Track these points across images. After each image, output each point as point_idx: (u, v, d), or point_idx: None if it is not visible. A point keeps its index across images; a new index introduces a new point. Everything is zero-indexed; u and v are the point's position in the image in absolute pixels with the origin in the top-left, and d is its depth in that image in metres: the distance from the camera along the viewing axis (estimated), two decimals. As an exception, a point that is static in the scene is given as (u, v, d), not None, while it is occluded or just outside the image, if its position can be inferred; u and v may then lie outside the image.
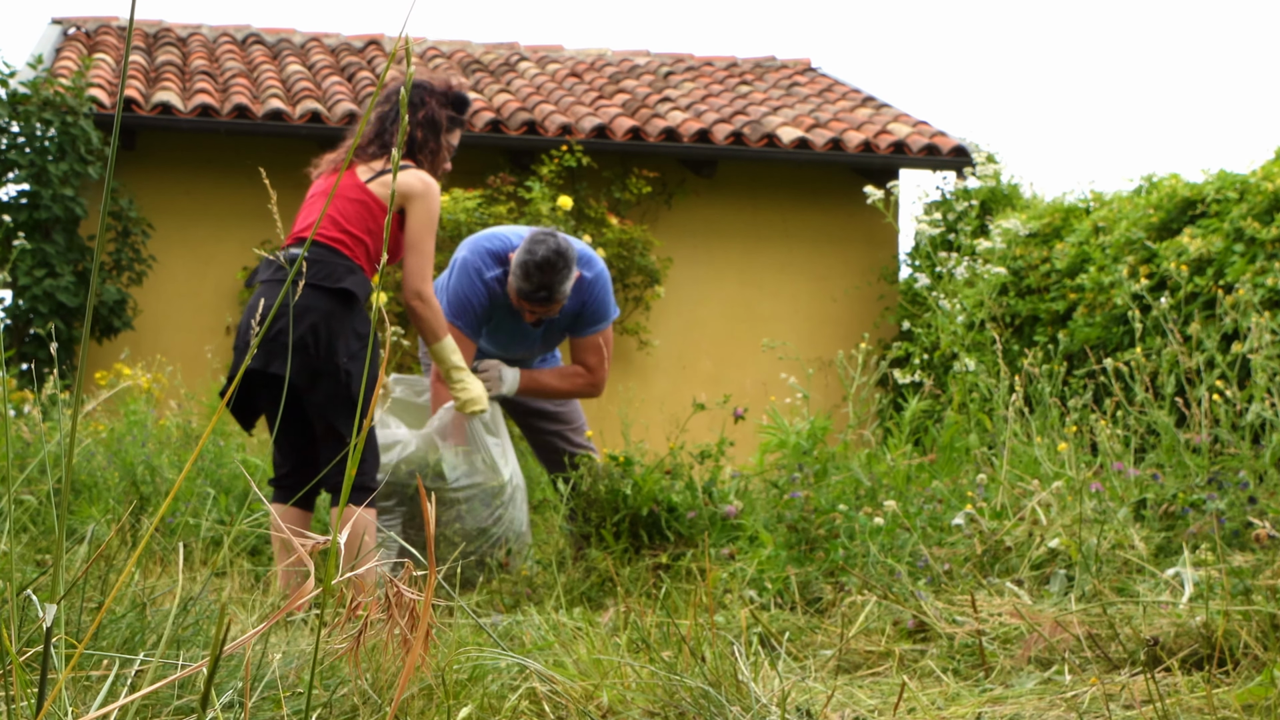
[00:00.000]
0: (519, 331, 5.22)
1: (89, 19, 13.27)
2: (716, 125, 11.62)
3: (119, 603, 2.48)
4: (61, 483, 1.27)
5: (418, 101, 4.55)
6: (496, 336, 5.23)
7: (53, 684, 1.81)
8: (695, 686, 2.31)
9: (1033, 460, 4.85)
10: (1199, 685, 2.56)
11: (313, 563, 1.26)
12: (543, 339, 5.31)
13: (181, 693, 2.22)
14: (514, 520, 4.99)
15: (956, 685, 2.77)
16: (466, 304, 5.09)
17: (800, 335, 11.29)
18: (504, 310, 5.15)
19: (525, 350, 5.33)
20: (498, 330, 5.21)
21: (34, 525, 4.62)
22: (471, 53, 13.87)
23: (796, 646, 3.22)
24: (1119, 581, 3.45)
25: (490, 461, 4.94)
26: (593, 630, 2.84)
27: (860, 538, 3.95)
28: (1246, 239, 7.27)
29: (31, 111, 10.14)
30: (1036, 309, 9.27)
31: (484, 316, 5.13)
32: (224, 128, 10.83)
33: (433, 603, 1.28)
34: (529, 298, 4.96)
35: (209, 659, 1.26)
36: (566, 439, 5.43)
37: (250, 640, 1.23)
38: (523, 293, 4.96)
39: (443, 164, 4.64)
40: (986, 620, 3.12)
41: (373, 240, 4.35)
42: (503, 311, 5.15)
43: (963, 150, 11.59)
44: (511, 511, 4.98)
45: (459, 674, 2.52)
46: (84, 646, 2.09)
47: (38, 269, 9.94)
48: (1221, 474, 4.29)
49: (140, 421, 6.30)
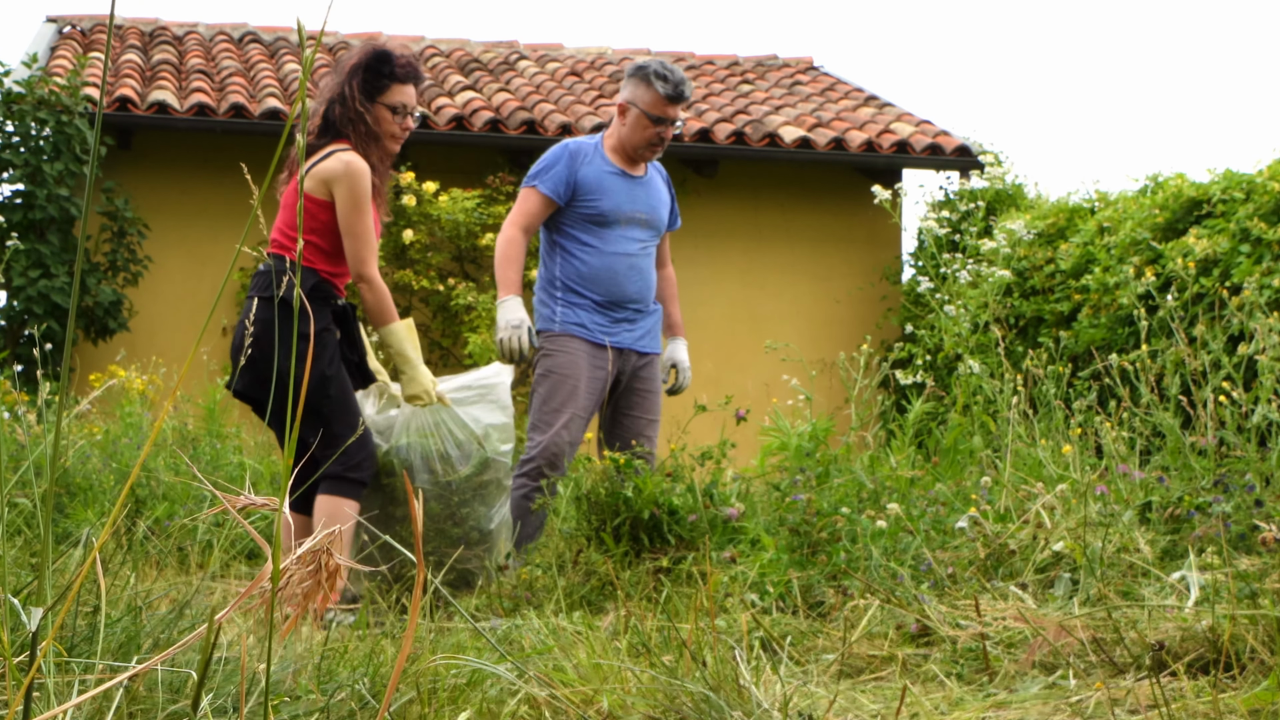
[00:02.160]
0: (640, 196, 5.20)
1: (84, 17, 13.26)
2: (718, 124, 11.60)
3: (113, 606, 2.45)
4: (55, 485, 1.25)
5: (331, 84, 4.49)
6: (610, 202, 5.14)
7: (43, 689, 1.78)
8: (696, 691, 2.29)
9: (1037, 463, 4.82)
10: (1205, 690, 2.54)
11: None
12: (650, 213, 5.24)
13: (175, 697, 2.20)
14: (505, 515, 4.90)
15: (960, 690, 2.75)
16: (552, 161, 5.11)
17: (802, 336, 11.27)
18: (608, 173, 5.15)
19: (650, 214, 5.24)
20: (609, 194, 5.14)
21: (28, 529, 4.60)
22: (470, 51, 13.85)
23: (798, 651, 3.20)
24: (1124, 585, 3.43)
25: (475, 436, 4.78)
26: (593, 634, 2.83)
27: (863, 541, 3.93)
28: (1253, 239, 7.24)
29: (26, 110, 10.11)
30: (1041, 310, 9.25)
31: (576, 176, 5.09)
32: (221, 127, 10.81)
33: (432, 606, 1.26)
34: (674, 96, 5.07)
35: (199, 663, 1.23)
36: (645, 434, 5.31)
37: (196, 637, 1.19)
38: (669, 95, 5.05)
39: (388, 130, 4.50)
40: (990, 624, 3.10)
41: (322, 238, 4.35)
42: (607, 174, 5.15)
43: (966, 150, 11.57)
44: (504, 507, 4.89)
45: (457, 678, 2.50)
46: (72, 651, 2.07)
47: (32, 270, 9.91)
48: (1228, 476, 4.27)
49: (135, 424, 6.28)
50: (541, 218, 5.12)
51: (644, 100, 5.09)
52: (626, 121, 5.13)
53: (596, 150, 5.15)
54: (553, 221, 5.16)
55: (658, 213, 5.24)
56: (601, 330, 5.09)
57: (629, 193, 5.14)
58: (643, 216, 5.18)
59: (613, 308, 5.12)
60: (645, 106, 5.09)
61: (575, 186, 5.08)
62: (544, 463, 4.99)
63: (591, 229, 5.09)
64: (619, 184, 5.13)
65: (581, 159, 5.09)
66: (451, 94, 11.98)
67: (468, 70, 13.13)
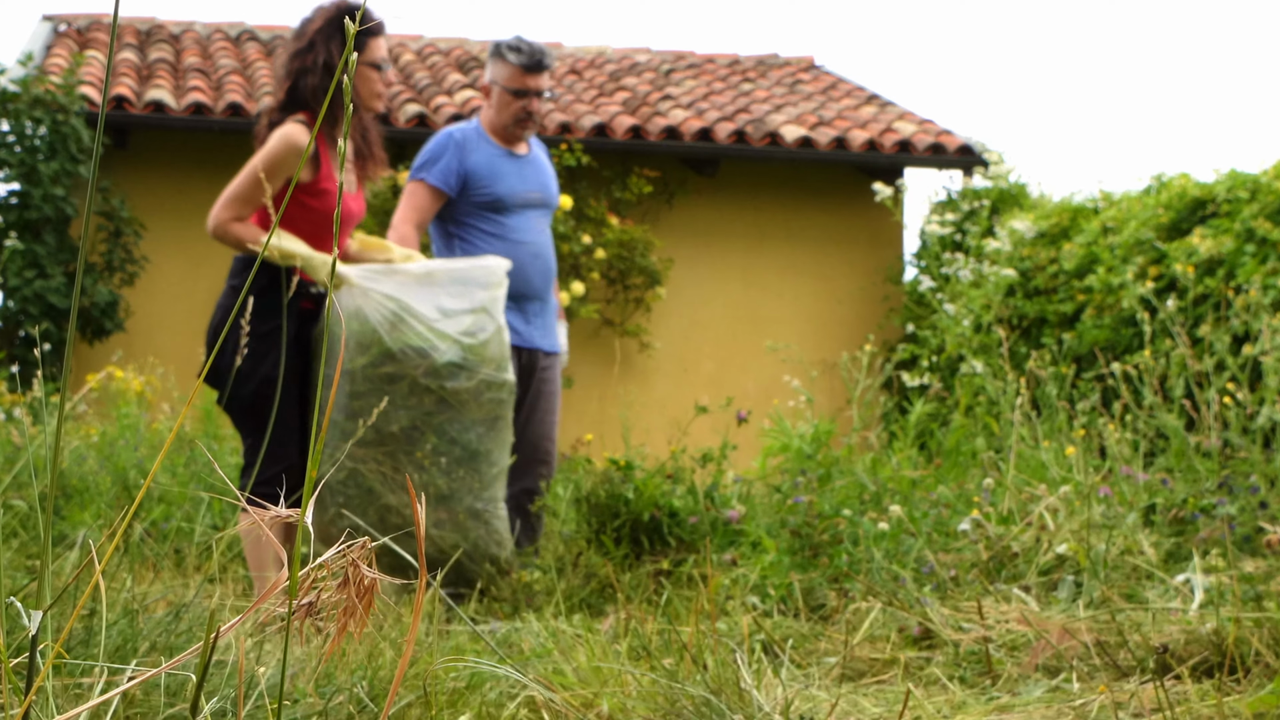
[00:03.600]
0: (529, 175, 5.05)
1: (80, 16, 13.23)
2: (719, 124, 11.58)
3: (110, 609, 2.43)
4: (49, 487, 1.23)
5: (294, 49, 4.26)
6: (505, 186, 4.97)
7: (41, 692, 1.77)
8: (697, 695, 2.28)
9: (1040, 464, 4.81)
10: (1209, 693, 2.53)
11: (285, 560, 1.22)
12: (543, 191, 5.08)
13: (173, 700, 2.18)
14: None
15: (963, 693, 2.74)
16: (438, 152, 4.93)
17: (804, 337, 11.25)
18: (496, 156, 5.00)
19: (543, 193, 5.09)
20: (502, 178, 4.98)
21: (24, 530, 4.58)
22: (469, 50, 13.83)
23: (800, 654, 3.19)
24: (1128, 588, 3.42)
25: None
26: (593, 637, 2.82)
27: (865, 543, 3.91)
28: (1258, 239, 7.22)
29: (22, 110, 10.09)
30: (1044, 310, 9.23)
31: (466, 165, 4.93)
32: (218, 126, 10.79)
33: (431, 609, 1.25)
34: (530, 65, 4.93)
35: (198, 665, 1.21)
36: (551, 435, 5.12)
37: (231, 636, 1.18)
38: (525, 65, 4.92)
39: (373, 90, 4.23)
40: (993, 627, 3.09)
41: (301, 222, 4.13)
42: (496, 158, 5.00)
43: (969, 149, 11.55)
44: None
45: (456, 682, 2.48)
46: (69, 654, 2.05)
47: (28, 270, 9.89)
48: (1232, 478, 4.26)
49: (132, 425, 6.26)
50: (433, 212, 4.96)
51: (503, 76, 4.99)
52: (492, 102, 5.03)
53: (480, 135, 5.03)
54: (446, 214, 5.00)
55: (549, 189, 5.13)
56: (515, 334, 4.88)
57: (519, 173, 5.03)
58: (537, 196, 5.06)
59: (522, 301, 4.94)
60: (505, 82, 4.98)
61: (466, 176, 4.94)
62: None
63: (489, 217, 4.95)
64: (509, 165, 5.01)
65: (468, 147, 4.96)
66: (450, 93, 11.97)
67: (467, 69, 13.11)
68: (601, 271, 11.10)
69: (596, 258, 10.96)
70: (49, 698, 1.81)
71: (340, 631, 1.23)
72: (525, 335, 4.92)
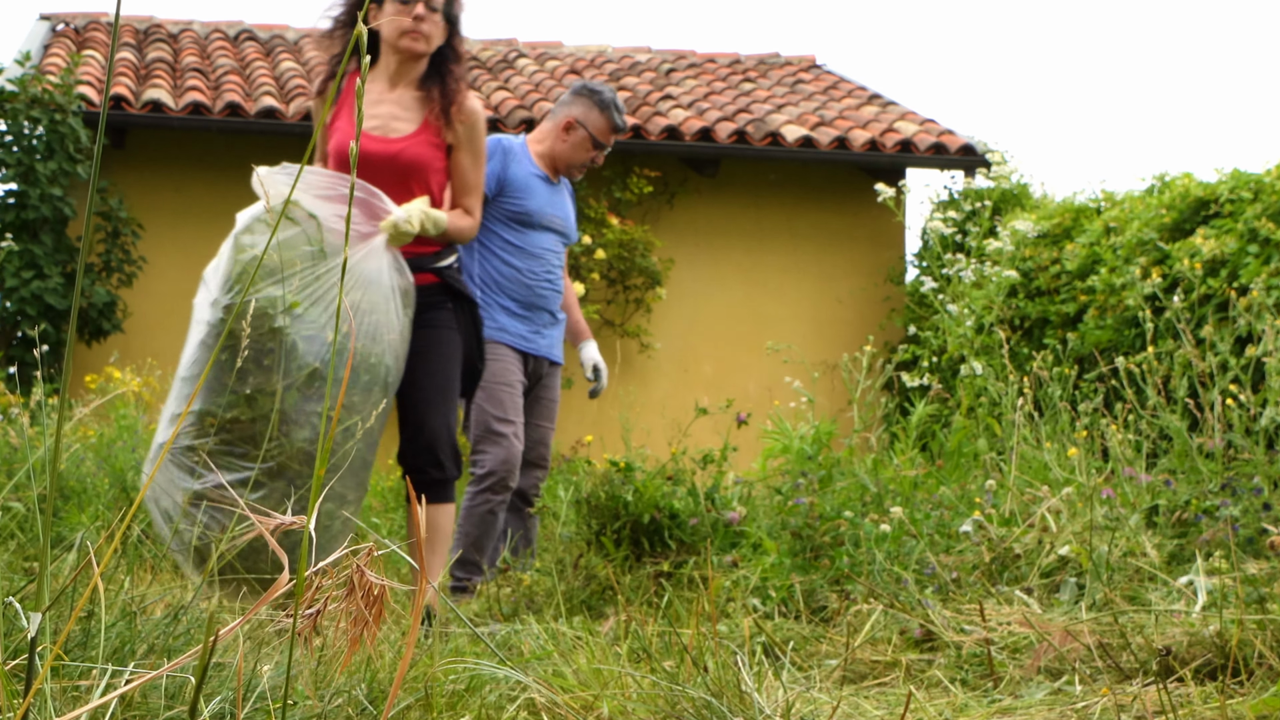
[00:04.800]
0: (558, 203, 5.27)
1: (78, 15, 13.22)
2: (719, 123, 11.57)
3: (109, 611, 2.42)
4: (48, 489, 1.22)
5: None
6: (535, 203, 5.13)
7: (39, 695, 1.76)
8: (697, 697, 2.27)
9: (1042, 466, 4.80)
10: (1212, 696, 2.52)
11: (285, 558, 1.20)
12: (565, 221, 5.30)
13: (172, 702, 2.17)
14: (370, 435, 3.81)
15: (964, 696, 2.73)
16: (489, 154, 5.02)
17: (805, 338, 11.24)
18: (534, 175, 5.18)
19: (565, 222, 5.29)
20: (534, 195, 5.15)
21: (21, 532, 4.58)
22: (469, 49, 13.83)
23: (801, 656, 3.19)
24: (1130, 590, 3.41)
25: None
26: (593, 639, 2.81)
27: (866, 545, 3.90)
28: (1261, 240, 7.21)
29: (19, 109, 10.08)
30: (1046, 311, 9.22)
31: (508, 173, 5.09)
32: (216, 126, 10.78)
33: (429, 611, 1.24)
34: (620, 128, 5.28)
35: (197, 668, 1.20)
36: (546, 441, 5.37)
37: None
38: (617, 126, 5.26)
39: (398, 27, 4.06)
40: (995, 629, 3.08)
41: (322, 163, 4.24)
42: (533, 177, 5.18)
43: (971, 149, 11.54)
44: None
45: (456, 684, 2.47)
46: (68, 656, 2.04)
47: (25, 270, 9.88)
48: (1235, 480, 4.25)
49: (130, 426, 6.25)
50: None
51: (595, 124, 5.23)
52: (570, 138, 5.23)
53: (524, 152, 5.21)
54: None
55: (571, 222, 5.35)
56: (523, 339, 5.13)
57: (550, 198, 5.22)
58: (560, 222, 5.27)
59: (531, 312, 5.16)
60: (595, 130, 5.23)
61: (504, 183, 5.10)
62: (505, 475, 4.92)
63: (514, 228, 5.12)
64: (542, 188, 5.20)
65: (512, 157, 5.14)
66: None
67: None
68: (602, 272, 11.10)
69: (597, 258, 10.96)
70: (47, 700, 1.80)
71: (353, 644, 1.22)
72: (534, 344, 5.17)
